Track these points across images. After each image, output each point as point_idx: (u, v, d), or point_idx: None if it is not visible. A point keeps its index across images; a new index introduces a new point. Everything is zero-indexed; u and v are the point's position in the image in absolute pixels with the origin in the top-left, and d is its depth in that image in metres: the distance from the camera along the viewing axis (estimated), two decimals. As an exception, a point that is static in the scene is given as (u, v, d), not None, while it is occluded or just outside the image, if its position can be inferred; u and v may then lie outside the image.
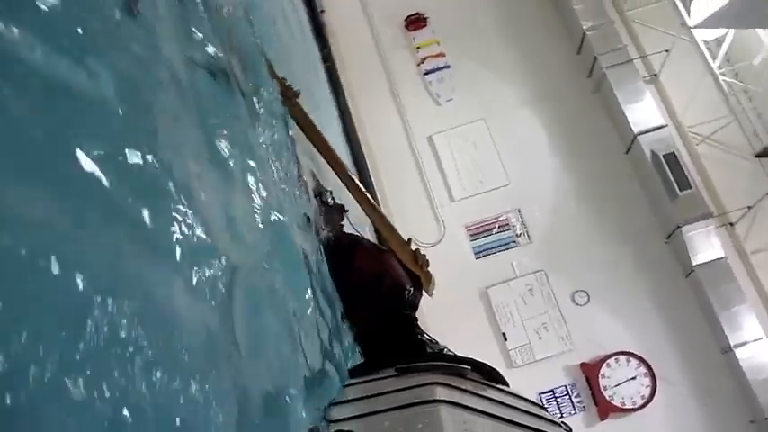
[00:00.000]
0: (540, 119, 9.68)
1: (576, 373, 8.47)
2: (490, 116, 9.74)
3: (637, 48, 9.58)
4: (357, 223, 4.70)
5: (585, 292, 8.78)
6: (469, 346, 4.33)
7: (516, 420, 2.20)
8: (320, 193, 4.13)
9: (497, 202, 9.36)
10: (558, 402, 8.39)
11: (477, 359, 2.86)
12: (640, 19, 9.69)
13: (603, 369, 8.34)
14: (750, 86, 8.76)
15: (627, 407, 8.19)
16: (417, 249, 4.42)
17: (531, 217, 9.25)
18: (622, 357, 8.38)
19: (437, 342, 4.09)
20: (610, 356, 8.38)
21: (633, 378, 8.30)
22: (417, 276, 4.12)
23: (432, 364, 2.55)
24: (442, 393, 2.13)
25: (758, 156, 7.68)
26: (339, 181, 4.59)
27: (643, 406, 8.17)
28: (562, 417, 8.33)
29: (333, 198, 4.27)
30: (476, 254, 9.16)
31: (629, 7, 9.87)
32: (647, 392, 8.22)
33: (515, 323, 8.75)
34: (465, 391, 2.33)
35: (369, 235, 5.37)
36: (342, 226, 4.22)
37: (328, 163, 4.48)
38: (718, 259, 8.21)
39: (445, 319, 7.39)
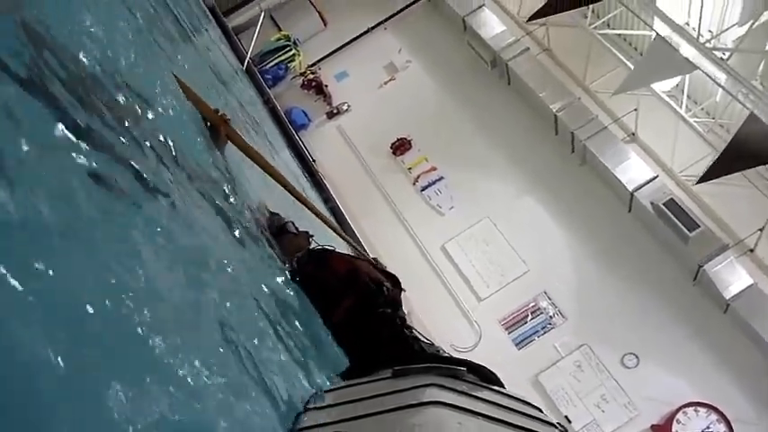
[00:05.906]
0: (539, 202, 10.08)
1: (650, 438, 8.30)
2: (493, 212, 10.15)
3: (608, 114, 10.11)
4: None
5: (633, 354, 8.75)
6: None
7: (511, 421, 2.23)
8: (282, 225, 4.37)
9: (523, 290, 9.56)
10: (640, 473, 8.17)
11: (472, 360, 2.87)
12: (603, 88, 10.29)
13: (675, 426, 8.15)
14: (722, 120, 9.16)
15: (711, 459, 7.95)
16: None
17: (559, 295, 9.40)
18: (690, 410, 8.21)
19: (432, 344, 4.12)
20: (677, 411, 8.21)
21: (708, 428, 8.10)
22: (394, 276, 4.27)
23: (427, 366, 2.57)
24: (437, 395, 2.16)
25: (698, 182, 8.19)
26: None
27: (727, 453, 7.92)
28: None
29: (296, 227, 4.47)
30: (517, 345, 9.24)
31: (590, 81, 10.52)
32: (725, 438, 8.00)
33: (575, 403, 8.68)
34: (460, 392, 2.35)
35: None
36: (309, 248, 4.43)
37: (273, 177, 4.74)
38: (749, 287, 8.24)
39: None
